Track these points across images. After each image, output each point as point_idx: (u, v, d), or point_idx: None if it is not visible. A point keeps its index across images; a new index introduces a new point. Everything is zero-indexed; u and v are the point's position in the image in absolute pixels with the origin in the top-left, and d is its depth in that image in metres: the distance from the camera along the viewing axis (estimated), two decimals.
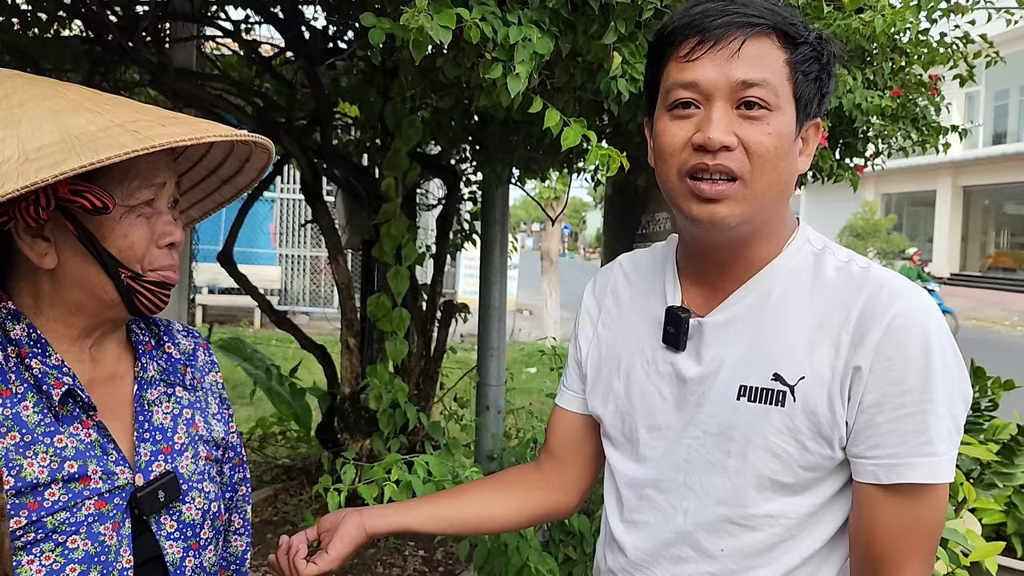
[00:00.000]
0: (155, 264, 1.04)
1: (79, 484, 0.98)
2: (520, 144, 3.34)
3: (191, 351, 1.23)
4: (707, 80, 1.00)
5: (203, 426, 1.17)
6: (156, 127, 0.94)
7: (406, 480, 2.43)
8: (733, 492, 1.06)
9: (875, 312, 0.99)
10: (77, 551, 0.96)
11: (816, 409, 1.01)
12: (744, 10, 1.00)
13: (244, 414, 5.82)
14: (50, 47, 3.52)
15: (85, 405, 1.02)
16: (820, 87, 1.04)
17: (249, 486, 1.34)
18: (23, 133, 0.90)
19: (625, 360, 1.20)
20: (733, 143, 0.99)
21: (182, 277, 3.80)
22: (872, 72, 2.69)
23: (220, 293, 11.68)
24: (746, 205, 1.01)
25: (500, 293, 4.37)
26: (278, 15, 3.45)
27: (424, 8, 1.63)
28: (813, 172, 3.13)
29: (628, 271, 1.28)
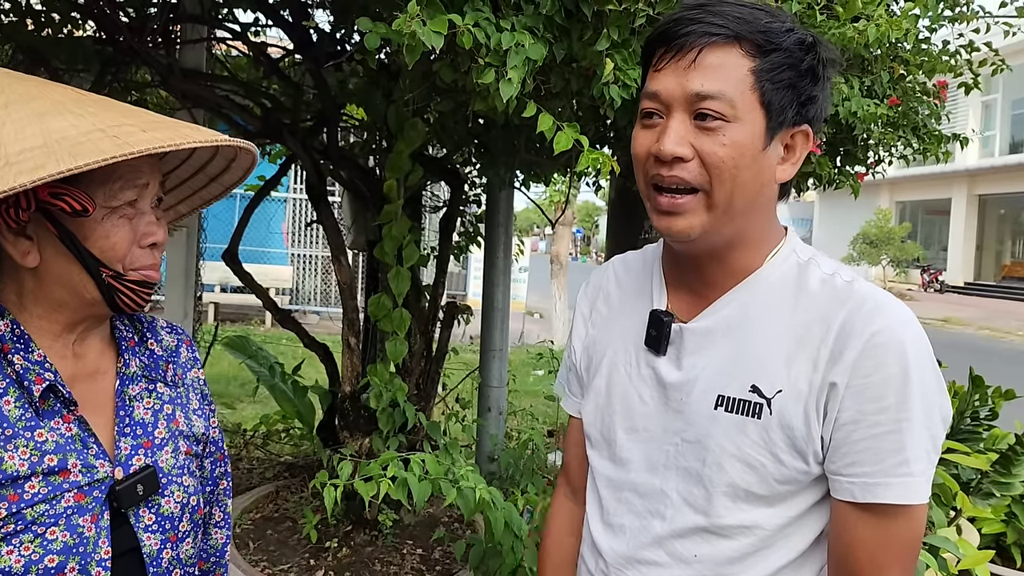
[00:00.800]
0: (136, 264, 1.06)
1: (59, 477, 1.00)
2: (522, 147, 3.36)
3: (174, 347, 1.25)
4: (666, 91, 1.01)
5: (184, 421, 1.20)
6: (137, 132, 0.96)
7: (402, 477, 2.46)
8: (708, 501, 1.07)
9: (855, 328, 0.98)
10: (56, 542, 0.98)
11: (792, 423, 1.01)
12: (711, 19, 0.99)
13: (250, 411, 5.87)
14: (62, 47, 3.57)
15: (66, 400, 1.04)
16: (797, 94, 1.01)
17: (230, 480, 1.36)
18: (5, 136, 0.92)
19: (608, 359, 1.21)
20: (687, 154, 0.99)
21: (188, 276, 3.85)
22: (871, 80, 2.70)
23: (232, 292, 11.75)
24: (705, 216, 1.01)
25: (503, 295, 4.40)
26: (286, 18, 3.49)
27: (416, 13, 1.66)
28: (813, 180, 3.14)
29: (619, 272, 1.29)
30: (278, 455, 4.75)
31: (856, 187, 3.20)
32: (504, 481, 3.88)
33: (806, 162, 2.75)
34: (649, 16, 1.89)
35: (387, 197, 3.05)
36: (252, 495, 3.93)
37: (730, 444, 1.04)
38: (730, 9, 1.00)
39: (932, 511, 2.51)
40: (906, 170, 26.14)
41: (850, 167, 3.28)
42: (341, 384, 3.53)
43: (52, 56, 3.55)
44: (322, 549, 3.42)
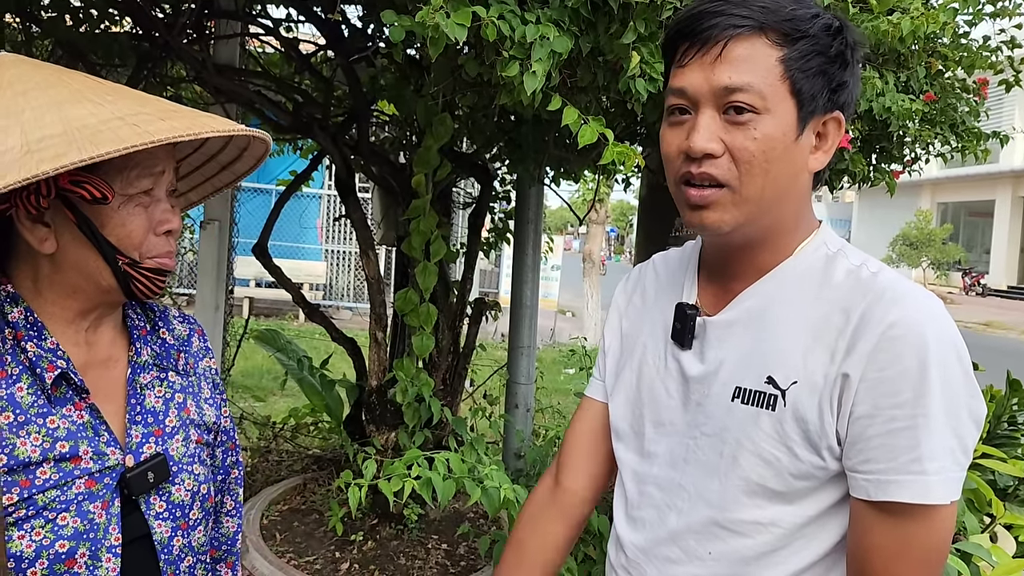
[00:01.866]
0: (152, 252, 1.08)
1: (70, 463, 1.01)
2: (552, 143, 3.35)
3: (186, 336, 1.27)
4: (692, 87, 1.00)
5: (195, 410, 1.21)
6: (156, 121, 0.97)
7: (426, 476, 2.46)
8: (722, 495, 1.05)
9: (872, 319, 0.95)
10: (67, 528, 0.99)
11: (806, 416, 0.98)
12: (734, 10, 0.97)
13: (281, 405, 5.93)
14: (100, 43, 3.63)
15: (78, 388, 1.05)
16: (828, 80, 0.99)
17: (241, 469, 1.38)
18: (26, 123, 0.93)
19: (639, 353, 1.21)
20: (717, 150, 0.98)
21: (219, 269, 3.89)
22: (907, 76, 2.64)
23: (266, 287, 11.89)
24: (737, 211, 1.00)
25: (532, 292, 4.39)
26: (318, 13, 3.51)
27: (440, 5, 1.65)
28: (847, 177, 3.08)
29: (659, 268, 1.28)
30: (306, 448, 4.78)
31: (892, 184, 3.13)
32: (531, 478, 3.87)
33: (840, 159, 2.70)
34: (676, 8, 1.87)
35: (415, 192, 3.06)
36: (280, 487, 3.97)
37: (745, 437, 1.02)
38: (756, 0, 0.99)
39: (965, 516, 2.45)
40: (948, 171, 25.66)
41: (886, 165, 3.21)
42: (368, 378, 3.54)
43: (90, 51, 3.61)
44: (348, 542, 3.44)
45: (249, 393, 6.30)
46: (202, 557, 1.21)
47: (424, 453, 2.48)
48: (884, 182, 3.15)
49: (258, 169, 1.28)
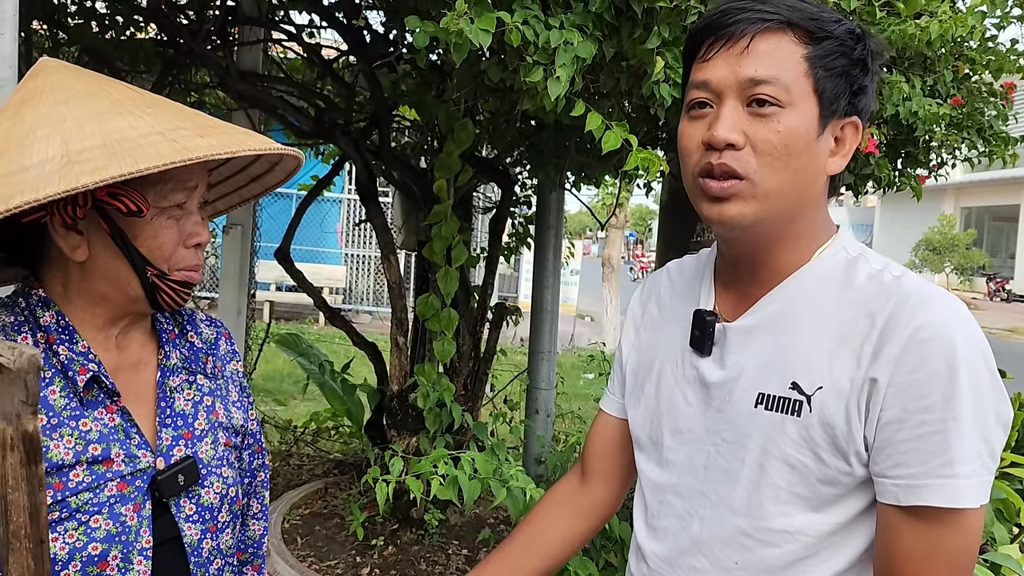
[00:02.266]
0: (181, 264, 1.08)
1: (102, 466, 1.02)
2: (573, 148, 3.35)
3: (213, 340, 1.27)
4: (717, 78, 0.99)
5: (223, 413, 1.21)
6: (194, 137, 0.97)
7: (452, 475, 2.45)
8: (747, 503, 1.03)
9: (899, 322, 0.94)
10: (99, 530, 1.00)
11: (832, 421, 0.97)
12: (761, 7, 0.98)
13: (302, 409, 5.96)
14: (126, 49, 3.67)
15: (109, 391, 1.06)
16: (850, 82, 0.99)
17: (267, 472, 1.38)
18: (67, 132, 0.93)
19: (657, 363, 1.20)
20: (740, 141, 0.97)
21: (242, 274, 3.92)
22: (933, 80, 2.61)
23: (287, 291, 11.95)
24: (756, 204, 0.99)
25: (552, 297, 4.38)
26: (340, 19, 3.53)
27: (463, 11, 1.66)
28: (872, 182, 3.06)
29: (674, 276, 1.27)
30: (327, 452, 4.80)
31: (918, 189, 3.10)
32: (551, 484, 3.85)
33: (865, 164, 2.68)
34: (700, 13, 1.86)
35: (437, 197, 3.06)
36: (301, 491, 3.98)
37: (770, 443, 1.01)
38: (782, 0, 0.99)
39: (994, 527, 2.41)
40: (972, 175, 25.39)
41: (911, 169, 3.18)
42: (389, 383, 3.55)
43: (115, 58, 3.65)
44: (369, 547, 3.45)
45: (270, 397, 6.33)
46: (230, 559, 1.21)
47: (450, 453, 2.48)
48: (910, 187, 3.12)
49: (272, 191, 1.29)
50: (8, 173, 0.90)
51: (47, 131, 0.93)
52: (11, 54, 1.69)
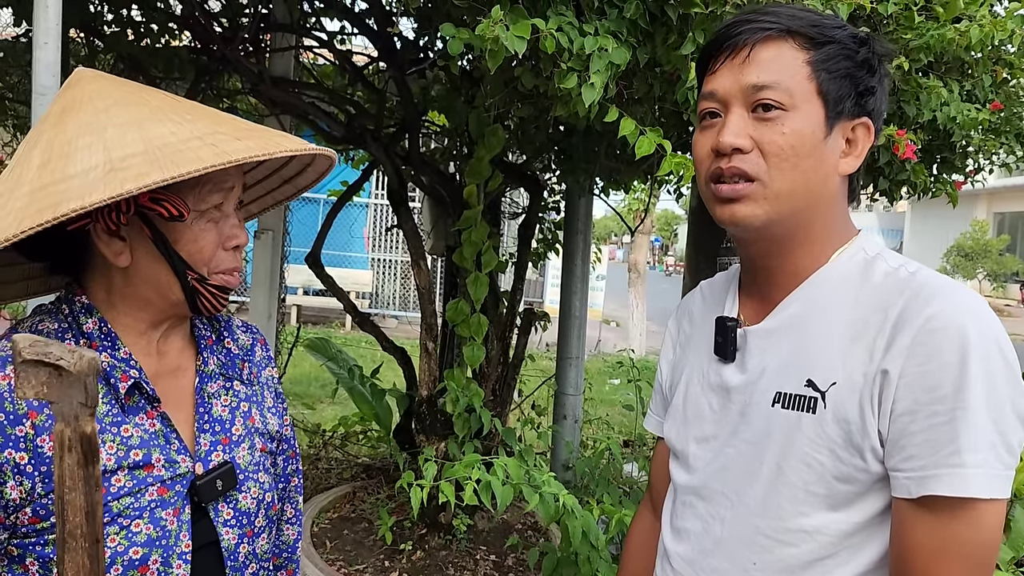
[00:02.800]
0: (221, 267, 1.09)
1: (143, 471, 1.03)
2: (603, 154, 3.34)
3: (249, 346, 1.28)
4: (723, 88, 1.04)
5: (259, 419, 1.22)
6: (232, 141, 0.98)
7: (486, 480, 2.45)
8: (766, 502, 1.04)
9: (911, 314, 0.95)
10: (140, 534, 1.01)
11: (847, 416, 0.97)
12: (763, 18, 1.03)
13: (329, 412, 5.99)
14: (160, 56, 3.72)
15: (150, 397, 1.07)
16: (855, 84, 1.03)
17: (301, 477, 1.39)
18: (109, 140, 0.94)
19: (686, 374, 1.23)
20: (746, 145, 1.01)
21: (272, 278, 3.95)
22: (971, 84, 2.57)
23: (315, 295, 12.04)
24: (768, 205, 1.02)
25: (581, 302, 4.37)
26: (371, 26, 3.55)
27: (499, 19, 1.66)
28: (907, 188, 3.02)
29: (705, 292, 1.31)
30: (355, 456, 4.82)
31: (954, 195, 3.06)
32: (579, 490, 3.85)
33: (901, 169, 2.64)
34: None
35: (467, 202, 3.07)
36: (330, 495, 4.00)
37: (787, 441, 1.02)
38: (781, 9, 1.05)
39: None
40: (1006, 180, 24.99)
41: (947, 175, 3.14)
42: (418, 388, 3.56)
43: (150, 65, 3.70)
44: (397, 551, 3.45)
45: (298, 400, 6.37)
46: (265, 564, 1.22)
47: (483, 458, 2.48)
48: (945, 192, 3.08)
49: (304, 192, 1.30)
50: (53, 182, 0.92)
51: (89, 140, 0.95)
52: (55, 62, 1.72)
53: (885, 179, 2.68)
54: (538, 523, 3.88)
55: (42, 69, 1.73)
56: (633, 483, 4.23)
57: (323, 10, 3.74)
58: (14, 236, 0.88)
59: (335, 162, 1.20)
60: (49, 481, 0.97)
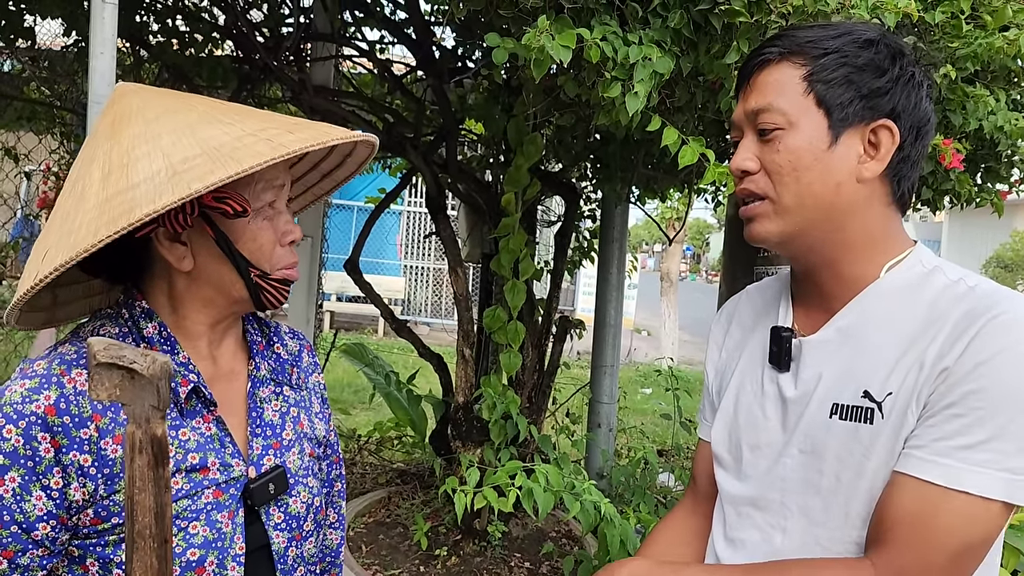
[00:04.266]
0: (280, 263, 1.11)
1: (199, 474, 1.05)
2: (640, 163, 3.34)
3: (297, 352, 1.30)
4: (736, 118, 1.12)
5: (307, 424, 1.24)
6: (285, 134, 1.00)
7: (527, 487, 2.46)
8: (827, 513, 1.05)
9: (971, 320, 0.96)
10: (197, 536, 1.03)
11: (903, 423, 0.98)
12: (769, 47, 1.09)
13: (363, 418, 6.03)
14: (204, 65, 3.79)
15: (207, 401, 1.09)
16: (857, 88, 1.04)
17: (344, 482, 1.40)
18: (165, 147, 0.96)
19: (736, 380, 1.23)
20: (753, 167, 1.08)
21: (311, 284, 3.99)
22: (1018, 93, 2.54)
23: (348, 301, 12.14)
24: (779, 219, 1.07)
25: (616, 311, 4.37)
26: (411, 35, 3.59)
27: (545, 28, 1.67)
28: (951, 197, 2.98)
29: (753, 297, 1.32)
30: (391, 461, 4.85)
31: (999, 205, 3.01)
32: (614, 499, 3.84)
33: (946, 179, 2.61)
34: (781, 28, 1.84)
35: (505, 210, 3.09)
36: (365, 499, 4.03)
37: (845, 453, 1.03)
38: (788, 33, 1.09)
39: None
40: None
41: (991, 184, 3.09)
42: (455, 394, 3.57)
43: (194, 74, 3.77)
44: (432, 556, 3.47)
45: (334, 405, 6.43)
46: (312, 567, 1.23)
47: (524, 465, 2.49)
48: (990, 202, 3.03)
49: (343, 187, 1.31)
50: (119, 192, 0.93)
51: (146, 148, 0.96)
52: (110, 71, 1.76)
53: (929, 188, 2.65)
54: (572, 531, 3.87)
55: (98, 78, 1.77)
56: (668, 492, 4.20)
57: (363, 20, 3.78)
58: (92, 247, 0.89)
59: (375, 149, 1.21)
60: (111, 483, 0.99)
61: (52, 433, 0.97)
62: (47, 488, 0.97)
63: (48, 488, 0.97)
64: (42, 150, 4.81)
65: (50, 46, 4.28)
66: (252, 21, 3.70)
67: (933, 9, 1.98)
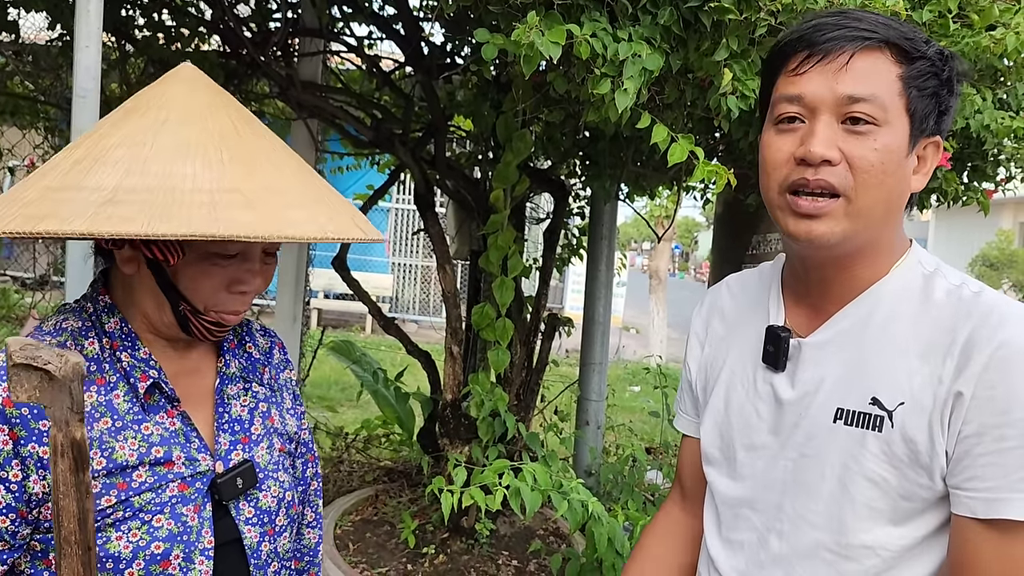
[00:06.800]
0: (221, 307, 1.08)
1: (164, 468, 1.05)
2: (629, 160, 3.34)
3: (268, 349, 1.30)
4: (813, 94, 0.99)
5: (278, 420, 1.24)
6: (239, 208, 0.93)
7: (515, 486, 2.45)
8: (827, 518, 1.04)
9: (981, 338, 0.94)
10: (161, 530, 1.03)
11: (914, 436, 0.97)
12: (857, 24, 0.99)
13: (351, 415, 6.01)
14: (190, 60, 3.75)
15: (169, 397, 1.08)
16: (938, 103, 1.00)
17: (320, 481, 1.40)
18: (133, 163, 0.93)
19: (725, 377, 1.20)
20: (836, 158, 0.97)
21: (298, 281, 3.97)
22: (1004, 92, 2.55)
23: (335, 298, 12.09)
24: (848, 223, 0.99)
25: (605, 308, 4.37)
26: (399, 31, 3.57)
27: (535, 24, 1.67)
28: (937, 196, 2.99)
29: (735, 290, 1.28)
30: (378, 459, 4.83)
31: (985, 204, 3.03)
32: (602, 497, 3.84)
33: (932, 177, 2.62)
34: (770, 26, 1.84)
35: (493, 207, 3.08)
36: (352, 497, 4.01)
37: (850, 458, 1.01)
38: (872, 16, 1.01)
39: None
40: None
41: (977, 183, 3.11)
42: (442, 392, 3.57)
43: None
44: (419, 554, 3.46)
45: (321, 403, 6.40)
46: (287, 563, 1.23)
47: (512, 463, 2.48)
48: (976, 201, 3.05)
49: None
50: (64, 187, 0.92)
51: (123, 153, 0.94)
52: (95, 65, 1.75)
53: None
54: (560, 529, 3.87)
55: (83, 72, 1.75)
56: (656, 490, 4.21)
57: (351, 15, 3.76)
58: None
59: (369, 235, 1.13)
60: None
61: (10, 425, 0.96)
62: (5, 481, 0.97)
63: (6, 481, 0.97)
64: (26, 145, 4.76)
65: (34, 40, 4.23)
66: (239, 16, 3.67)
67: (921, 8, 1.98)
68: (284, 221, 0.95)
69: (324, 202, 1.03)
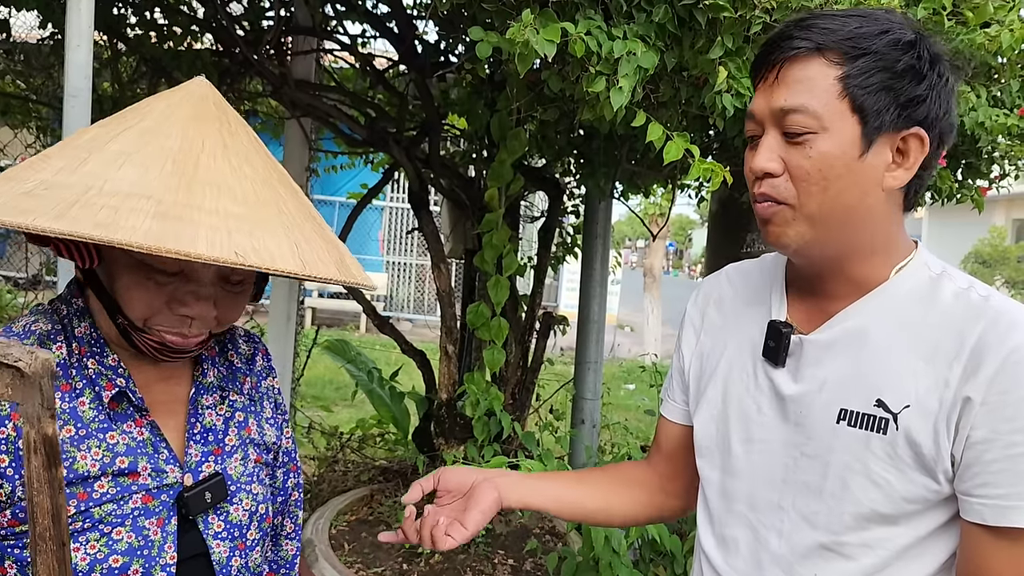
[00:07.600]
0: (161, 324, 1.01)
1: (128, 479, 1.01)
2: (624, 158, 3.33)
3: (250, 355, 1.25)
4: (759, 111, 1.03)
5: (256, 430, 1.19)
6: (144, 217, 0.85)
7: None
8: (828, 517, 1.04)
9: (991, 343, 0.94)
10: (121, 543, 0.99)
11: (919, 439, 0.97)
12: (796, 34, 1.00)
13: (345, 415, 6.00)
14: (183, 59, 3.74)
15: (137, 406, 1.04)
16: (895, 95, 0.97)
17: (301, 492, 1.35)
18: (71, 164, 0.90)
19: (723, 369, 1.19)
20: (776, 170, 1.01)
21: (292, 281, 3.96)
22: (999, 89, 2.55)
23: (329, 297, 12.08)
24: (800, 227, 1.01)
25: (600, 307, 4.36)
26: (393, 29, 3.56)
27: (530, 22, 1.66)
28: (932, 193, 2.99)
29: (734, 280, 1.27)
30: (373, 459, 4.82)
31: (980, 201, 3.03)
32: None
33: None
34: (765, 24, 1.84)
35: (488, 206, 3.07)
36: (347, 497, 4.00)
37: (854, 460, 1.01)
38: (821, 22, 1.00)
39: None
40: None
41: (972, 180, 3.11)
42: (438, 391, 3.56)
43: (173, 68, 3.72)
44: (415, 554, 3.45)
45: (315, 402, 6.39)
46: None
47: (509, 460, 2.47)
48: (970, 198, 3.05)
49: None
50: (7, 179, 0.89)
51: (75, 152, 0.92)
52: (86, 63, 1.73)
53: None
54: (556, 528, 3.87)
55: (74, 71, 1.74)
56: None
57: (345, 14, 3.75)
58: None
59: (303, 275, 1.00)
60: None
61: None
62: None
63: None
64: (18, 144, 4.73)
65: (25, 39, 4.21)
66: (232, 14, 3.65)
67: (915, 5, 1.98)
68: (204, 239, 0.86)
69: (290, 236, 0.94)
